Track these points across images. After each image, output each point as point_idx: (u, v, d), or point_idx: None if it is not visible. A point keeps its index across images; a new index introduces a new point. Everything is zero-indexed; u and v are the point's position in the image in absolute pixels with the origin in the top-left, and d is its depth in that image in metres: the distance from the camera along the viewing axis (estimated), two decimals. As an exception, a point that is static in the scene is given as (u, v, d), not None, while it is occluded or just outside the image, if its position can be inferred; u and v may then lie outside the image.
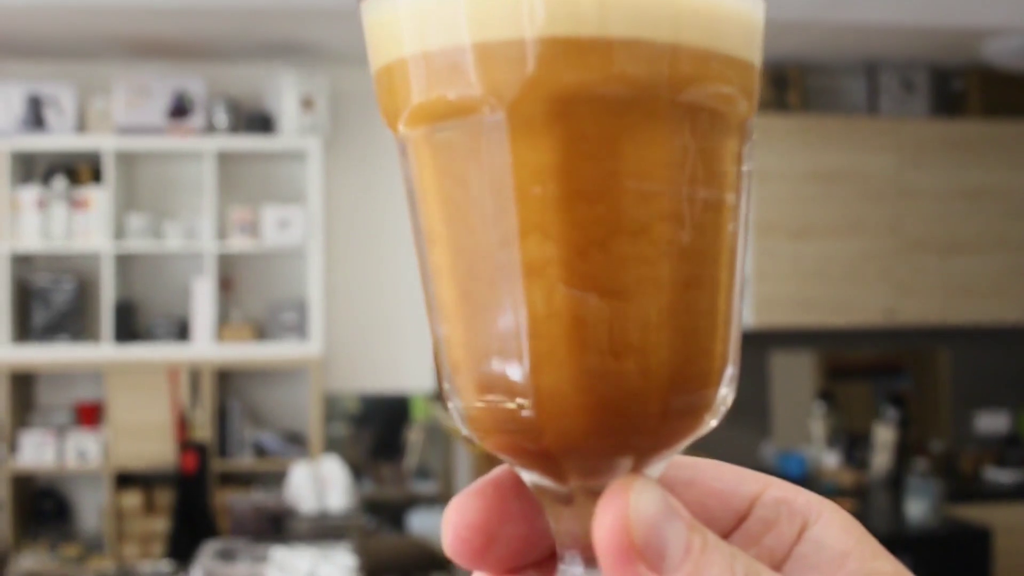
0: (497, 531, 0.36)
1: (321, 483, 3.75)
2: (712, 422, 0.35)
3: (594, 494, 0.34)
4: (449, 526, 0.36)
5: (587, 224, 0.32)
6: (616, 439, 0.33)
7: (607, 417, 0.33)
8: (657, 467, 0.35)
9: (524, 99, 0.32)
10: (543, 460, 0.34)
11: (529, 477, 0.36)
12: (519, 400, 0.33)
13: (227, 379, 4.96)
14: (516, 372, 0.33)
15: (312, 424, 4.89)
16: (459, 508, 0.36)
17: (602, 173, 0.32)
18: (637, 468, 0.34)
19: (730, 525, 0.39)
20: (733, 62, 0.34)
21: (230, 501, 3.85)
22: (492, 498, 0.36)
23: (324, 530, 3.56)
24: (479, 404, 0.34)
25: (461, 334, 0.34)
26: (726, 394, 0.36)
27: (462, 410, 0.35)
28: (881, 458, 4.87)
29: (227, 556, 3.20)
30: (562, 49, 0.31)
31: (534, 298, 0.32)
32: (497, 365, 0.33)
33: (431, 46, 0.33)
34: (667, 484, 0.38)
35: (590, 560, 0.35)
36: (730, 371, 0.36)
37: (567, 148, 0.32)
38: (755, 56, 0.35)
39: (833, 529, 0.37)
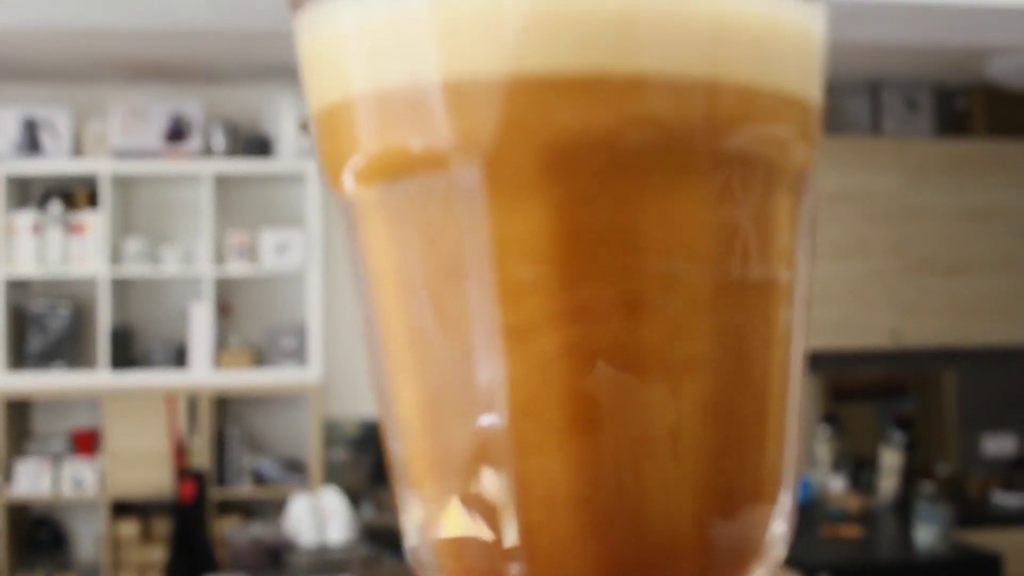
0: None
1: (321, 515, 3.69)
2: (761, 572, 0.27)
3: None
4: None
5: (596, 321, 0.24)
6: None
7: None
8: None
9: (508, 148, 0.24)
10: None
11: None
12: (506, 559, 0.25)
13: (225, 405, 4.90)
14: (501, 523, 0.25)
15: (312, 450, 4.83)
16: None
17: (615, 250, 0.24)
18: None
19: None
20: (788, 100, 0.26)
21: (228, 533, 3.78)
22: None
23: (324, 564, 3.50)
24: (451, 558, 0.26)
25: (425, 461, 0.27)
26: (780, 532, 0.27)
27: (430, 561, 0.27)
28: (888, 482, 4.81)
29: (225, 593, 3.13)
30: (562, 83, 0.23)
31: (523, 423, 0.24)
32: (475, 511, 0.25)
33: (386, 82, 0.25)
34: None
35: None
36: (785, 500, 0.27)
37: (567, 216, 0.24)
38: (814, 89, 0.27)
39: None
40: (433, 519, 0.27)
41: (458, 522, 0.26)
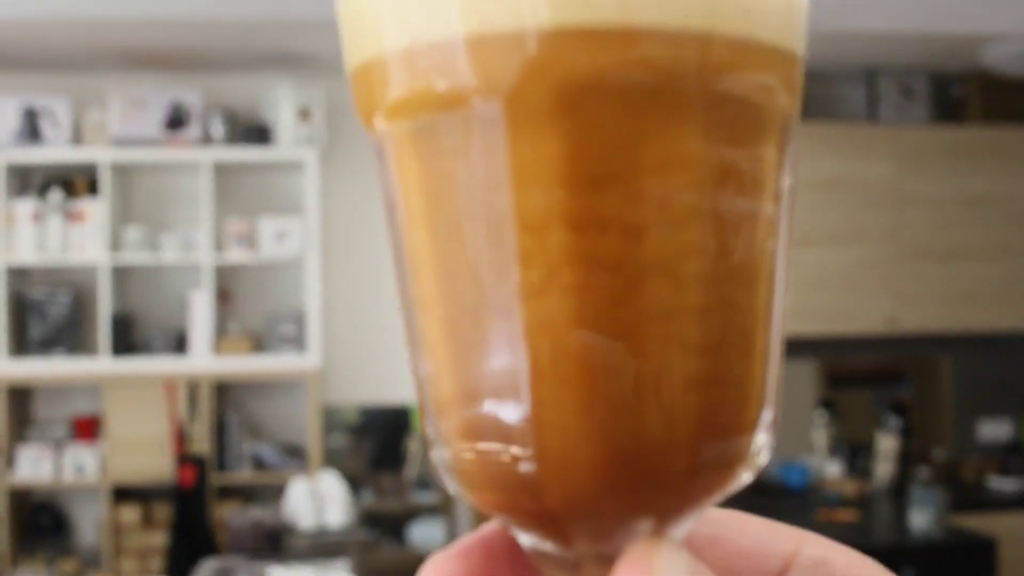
0: None
1: (320, 499, 3.72)
2: (747, 475, 0.30)
3: (606, 560, 0.29)
4: None
5: (600, 237, 0.27)
6: (634, 498, 0.28)
7: (624, 472, 0.27)
8: (680, 528, 0.30)
9: (525, 87, 0.27)
10: (545, 521, 0.29)
11: (527, 540, 0.30)
12: (517, 451, 0.28)
13: (225, 392, 4.93)
14: (514, 418, 0.28)
15: (311, 436, 4.86)
16: (437, 571, 0.31)
17: (618, 175, 0.27)
18: (657, 530, 0.29)
19: None
20: (774, 51, 0.29)
21: (228, 517, 3.82)
22: (478, 561, 0.31)
23: (323, 547, 3.53)
24: (469, 455, 0.29)
25: (448, 372, 0.29)
26: (764, 442, 0.30)
27: (448, 460, 0.30)
28: (883, 467, 4.84)
29: (223, 574, 3.17)
30: (572, 34, 0.27)
31: (536, 330, 0.27)
32: (491, 410, 0.28)
33: (416, 41, 0.28)
34: (687, 544, 0.32)
35: None
36: (768, 415, 0.30)
37: (577, 145, 0.27)
38: (798, 44, 0.30)
39: None
40: (454, 432, 0.30)
41: (476, 431, 0.29)
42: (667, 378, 0.28)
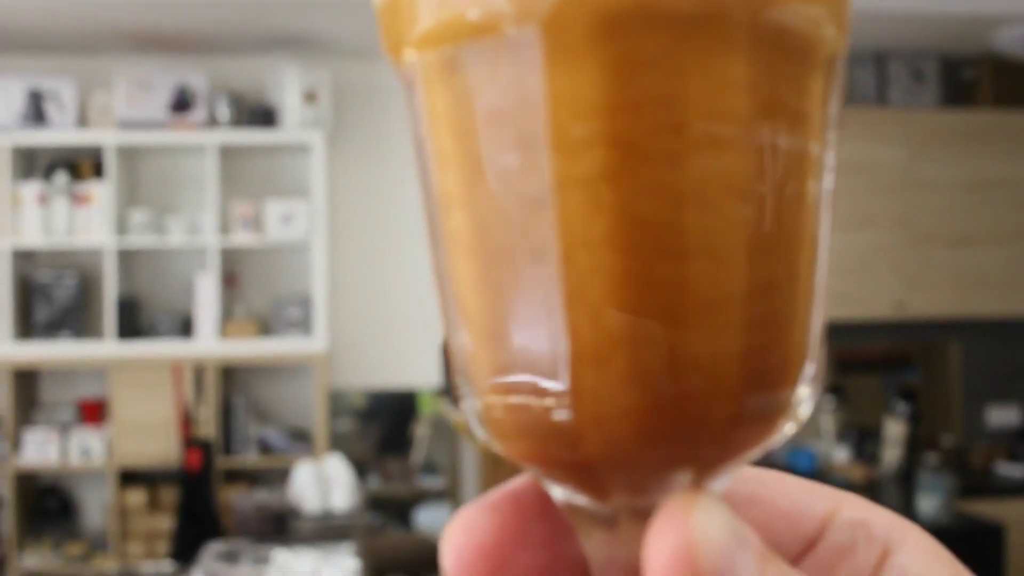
0: (512, 557, 0.29)
1: (325, 482, 3.71)
2: (788, 428, 0.29)
3: (642, 515, 0.27)
4: (451, 547, 0.29)
5: (643, 177, 0.25)
6: (675, 448, 0.27)
7: (665, 421, 0.26)
8: (720, 482, 0.29)
9: (562, 14, 0.25)
10: (579, 473, 0.27)
11: (560, 493, 0.29)
12: (553, 398, 0.26)
13: (231, 375, 4.93)
14: (550, 364, 0.26)
15: (317, 420, 4.85)
16: (466, 526, 0.29)
17: (663, 111, 0.26)
18: (696, 484, 0.28)
19: (798, 551, 0.33)
20: None
21: (233, 500, 3.81)
22: (508, 516, 0.29)
23: (328, 530, 3.53)
24: (501, 404, 0.27)
25: (480, 318, 0.28)
26: (806, 395, 0.29)
27: (479, 411, 0.28)
28: (891, 452, 4.83)
29: (229, 558, 3.16)
30: None
31: (573, 273, 0.26)
32: (525, 355, 0.27)
33: None
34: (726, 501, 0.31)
35: None
36: (811, 368, 0.29)
37: (616, 75, 0.25)
38: None
39: (921, 557, 0.31)
40: (485, 380, 0.28)
41: (509, 379, 0.27)
42: (711, 323, 0.26)
